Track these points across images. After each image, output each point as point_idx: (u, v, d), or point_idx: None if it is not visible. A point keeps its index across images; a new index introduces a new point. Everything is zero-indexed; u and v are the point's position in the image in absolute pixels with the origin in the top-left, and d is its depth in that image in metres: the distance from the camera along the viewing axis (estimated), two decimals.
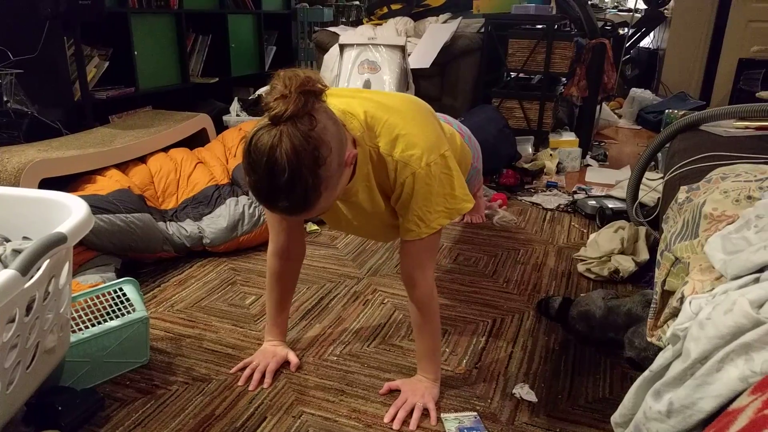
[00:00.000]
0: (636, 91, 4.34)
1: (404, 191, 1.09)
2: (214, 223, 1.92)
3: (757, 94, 2.43)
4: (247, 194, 2.06)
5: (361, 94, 1.15)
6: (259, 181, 0.90)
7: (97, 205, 1.70)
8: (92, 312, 1.31)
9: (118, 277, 1.63)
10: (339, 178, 0.98)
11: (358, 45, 2.85)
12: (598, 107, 3.43)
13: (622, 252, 1.83)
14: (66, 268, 1.07)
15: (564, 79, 3.24)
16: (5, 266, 1.00)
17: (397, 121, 1.09)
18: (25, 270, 0.87)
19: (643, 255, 1.81)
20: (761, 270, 0.73)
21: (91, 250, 1.68)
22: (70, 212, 1.07)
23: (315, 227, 2.17)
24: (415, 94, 3.14)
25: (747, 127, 1.87)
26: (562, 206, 2.44)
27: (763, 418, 0.49)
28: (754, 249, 0.76)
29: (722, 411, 0.59)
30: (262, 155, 0.88)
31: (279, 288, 1.34)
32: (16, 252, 1.04)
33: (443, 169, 1.10)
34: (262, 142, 0.88)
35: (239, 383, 1.28)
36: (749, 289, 0.69)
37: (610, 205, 2.22)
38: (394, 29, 3.35)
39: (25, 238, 1.16)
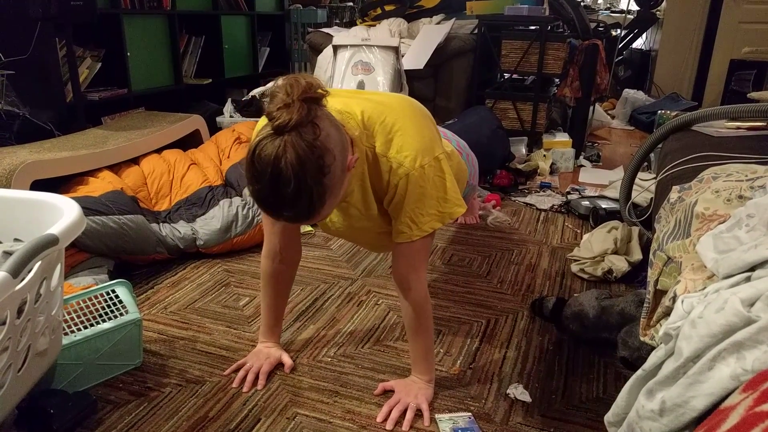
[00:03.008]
0: (629, 92, 4.36)
1: (397, 193, 1.09)
2: (208, 224, 1.91)
3: (748, 95, 2.44)
4: (241, 195, 2.05)
5: (359, 95, 1.15)
6: (263, 190, 0.90)
7: (90, 207, 1.69)
8: (85, 314, 1.30)
9: (111, 279, 1.62)
10: (342, 183, 0.98)
11: (351, 46, 2.85)
12: (591, 108, 3.44)
13: (615, 252, 1.83)
14: (58, 270, 1.06)
15: (557, 80, 3.25)
16: None
17: (394, 122, 1.08)
18: (16, 272, 0.86)
19: (636, 255, 1.81)
20: (752, 269, 0.74)
21: (83, 251, 1.67)
22: (62, 214, 1.06)
23: (309, 228, 2.17)
24: (409, 95, 3.15)
25: (738, 128, 1.88)
26: (555, 207, 2.45)
27: (754, 415, 0.49)
28: (745, 248, 0.77)
29: (714, 409, 0.59)
30: (266, 166, 0.87)
31: (271, 290, 1.34)
32: (7, 254, 1.03)
33: (437, 171, 1.10)
34: (267, 153, 0.87)
35: (233, 385, 1.28)
36: (741, 287, 0.70)
37: (603, 206, 2.23)
38: (387, 30, 3.36)
39: (16, 239, 1.15)
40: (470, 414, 1.20)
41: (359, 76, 2.80)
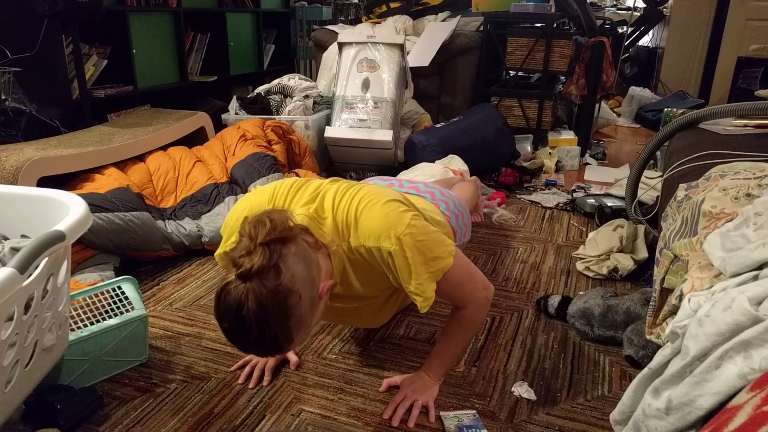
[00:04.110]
0: (635, 90, 4.34)
1: (392, 271, 1.09)
2: (213, 221, 1.92)
3: (756, 93, 2.43)
4: (246, 193, 2.06)
5: (323, 191, 1.13)
6: (230, 331, 0.93)
7: (96, 204, 1.70)
8: (91, 310, 1.31)
9: (117, 275, 1.62)
10: (313, 314, 1.00)
11: (356, 43, 2.85)
12: (597, 105, 3.43)
13: (621, 250, 1.83)
14: (64, 267, 1.07)
15: (563, 77, 3.24)
16: (3, 264, 1.00)
17: (356, 209, 1.08)
18: (24, 268, 0.87)
19: (642, 253, 1.81)
20: (760, 267, 0.73)
21: (89, 248, 1.68)
22: (69, 210, 1.07)
23: None
24: (414, 93, 3.15)
25: (746, 126, 1.87)
26: (561, 205, 2.45)
27: (762, 414, 0.49)
28: (753, 246, 0.76)
29: (721, 408, 0.59)
30: (230, 311, 0.90)
31: None
32: (15, 250, 1.04)
33: (415, 237, 1.07)
34: (230, 299, 0.90)
35: (239, 381, 1.28)
36: (748, 286, 0.69)
37: (609, 204, 2.22)
38: (393, 27, 3.35)
39: (23, 236, 1.16)
40: (475, 412, 1.19)
41: (364, 73, 2.80)
